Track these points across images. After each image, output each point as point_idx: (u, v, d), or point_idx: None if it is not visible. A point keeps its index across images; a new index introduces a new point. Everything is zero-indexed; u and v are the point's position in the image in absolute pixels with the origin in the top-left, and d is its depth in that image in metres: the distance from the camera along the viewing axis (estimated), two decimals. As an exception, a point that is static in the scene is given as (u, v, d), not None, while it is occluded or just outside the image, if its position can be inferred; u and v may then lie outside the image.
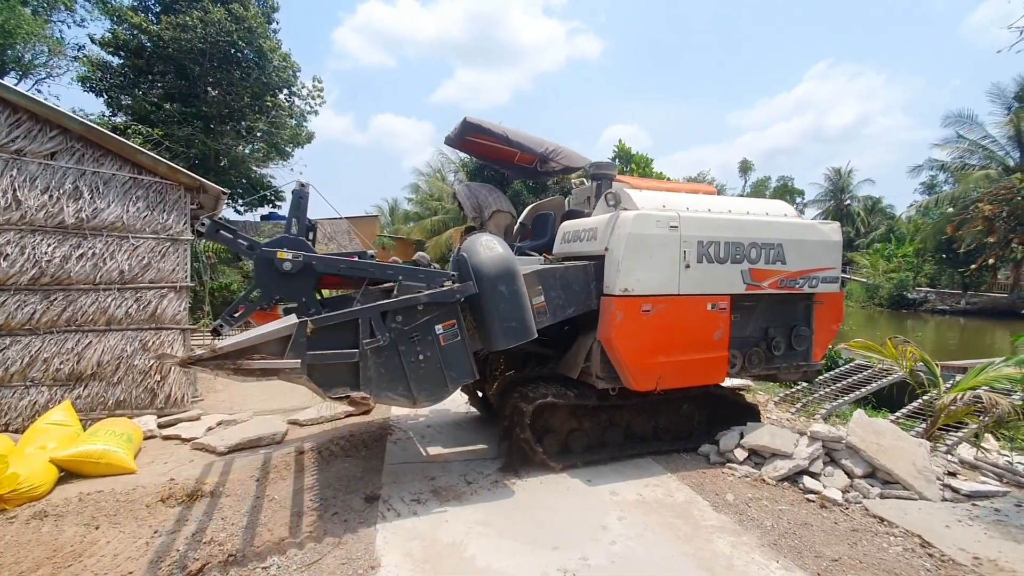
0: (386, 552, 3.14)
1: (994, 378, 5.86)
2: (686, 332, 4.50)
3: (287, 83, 22.40)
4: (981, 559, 3.15)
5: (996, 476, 4.63)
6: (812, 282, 5.08)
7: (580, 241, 4.76)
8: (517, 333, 3.96)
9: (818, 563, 3.10)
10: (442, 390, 3.87)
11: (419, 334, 3.74)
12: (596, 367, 4.41)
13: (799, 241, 4.96)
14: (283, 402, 6.85)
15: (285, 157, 23.97)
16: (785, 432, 4.65)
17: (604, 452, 4.74)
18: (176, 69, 19.34)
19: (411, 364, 3.71)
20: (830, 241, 5.18)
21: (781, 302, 5.06)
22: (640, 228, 4.27)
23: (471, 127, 5.57)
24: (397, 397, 3.75)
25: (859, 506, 3.90)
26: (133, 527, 3.57)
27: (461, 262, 4.06)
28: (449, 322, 3.84)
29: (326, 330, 3.49)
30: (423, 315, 3.77)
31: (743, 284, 4.72)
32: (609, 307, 4.29)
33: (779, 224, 4.98)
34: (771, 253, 4.82)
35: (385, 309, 3.67)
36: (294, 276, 3.64)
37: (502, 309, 3.91)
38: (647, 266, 4.30)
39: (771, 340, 5.01)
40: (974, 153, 26.44)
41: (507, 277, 3.97)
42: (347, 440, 5.15)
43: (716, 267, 4.58)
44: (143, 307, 6.43)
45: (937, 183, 31.95)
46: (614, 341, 4.24)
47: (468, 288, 3.88)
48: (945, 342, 19.47)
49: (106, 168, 6.47)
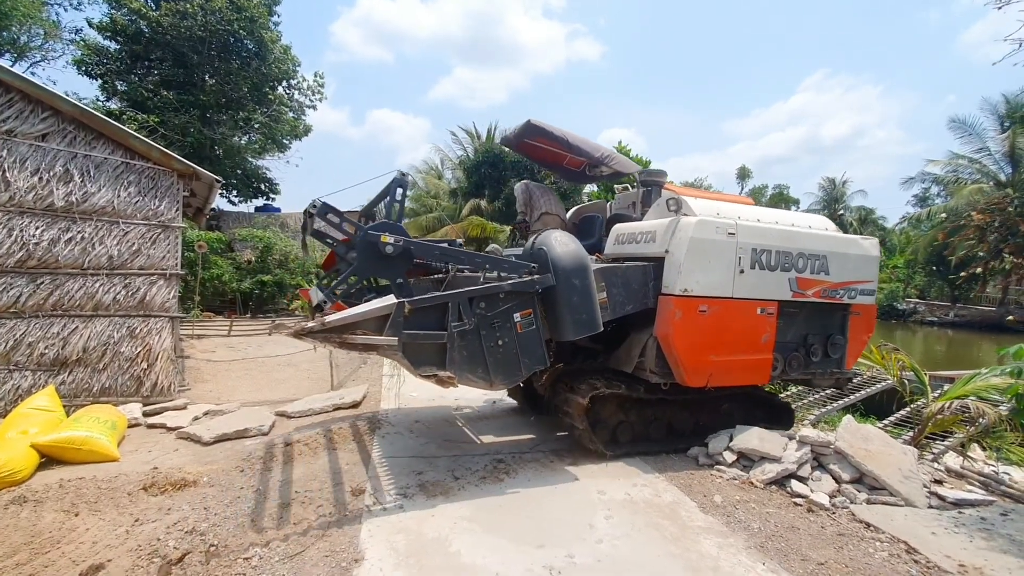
0: (370, 545, 3.10)
1: (981, 388, 5.89)
2: (737, 333, 4.73)
3: (287, 75, 22.27)
4: (967, 566, 3.16)
5: (982, 485, 4.65)
6: (851, 293, 5.32)
7: (636, 243, 4.94)
8: (587, 325, 4.16)
9: (804, 566, 3.09)
10: (516, 374, 4.08)
11: (499, 320, 3.96)
12: (651, 362, 4.61)
13: (842, 254, 5.21)
14: (271, 394, 6.80)
15: (283, 149, 23.83)
16: (774, 435, 4.65)
17: (648, 445, 4.94)
18: (174, 56, 19.17)
19: (490, 348, 3.93)
20: (869, 256, 5.43)
21: (821, 311, 5.28)
22: (701, 233, 4.48)
23: (533, 129, 5.70)
24: (476, 379, 3.94)
25: (846, 511, 3.90)
26: (114, 515, 3.52)
27: (540, 255, 4.23)
28: (527, 311, 4.07)
29: (418, 312, 3.70)
30: (504, 303, 3.99)
31: (790, 291, 4.95)
32: (668, 306, 4.50)
33: (824, 237, 5.24)
34: (816, 264, 5.06)
35: (472, 295, 3.88)
36: (393, 258, 3.84)
37: (574, 302, 4.12)
38: (705, 269, 4.52)
39: (809, 346, 5.24)
40: (967, 167, 26.69)
41: (581, 272, 4.18)
42: (335, 433, 5.11)
43: (767, 274, 4.82)
44: (131, 293, 6.36)
45: (930, 196, 32.21)
46: (672, 338, 4.45)
47: (547, 280, 4.09)
48: (933, 353, 19.64)
49: (98, 152, 6.39)
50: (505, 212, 21.56)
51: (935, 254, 27.44)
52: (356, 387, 6.96)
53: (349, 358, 9.35)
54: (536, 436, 5.44)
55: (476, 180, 23.15)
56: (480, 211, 21.86)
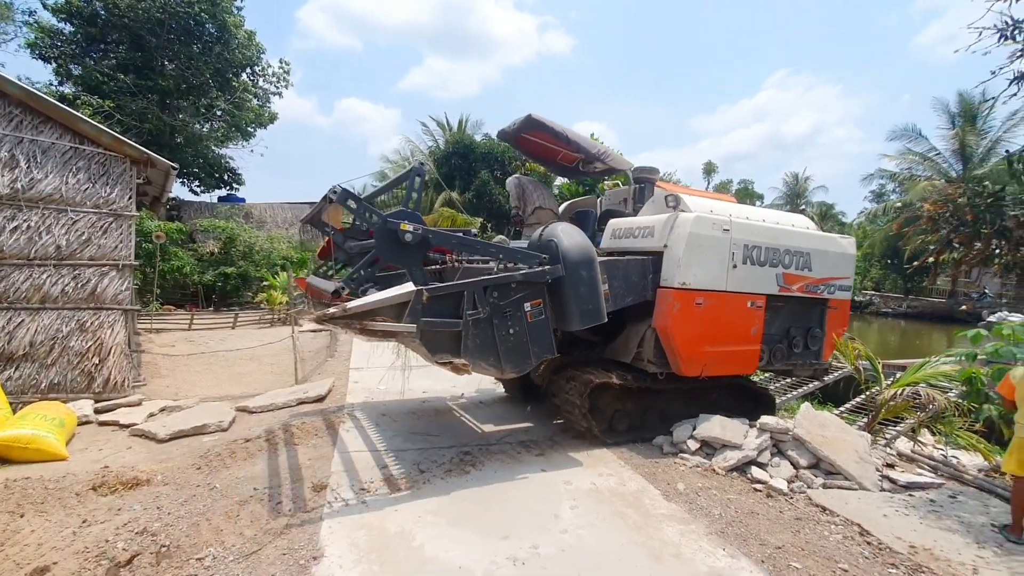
0: (331, 542, 3.03)
1: (931, 375, 6.15)
2: (729, 325, 4.95)
3: (251, 62, 21.57)
4: (917, 547, 3.28)
5: (931, 469, 4.84)
6: (830, 289, 5.63)
7: (634, 238, 5.08)
8: (593, 315, 4.29)
9: (763, 550, 3.16)
10: (526, 363, 4.15)
11: (511, 310, 4.04)
12: (649, 352, 4.78)
13: (823, 251, 5.52)
14: (232, 389, 6.61)
15: (247, 137, 23.10)
16: (735, 423, 4.74)
17: (643, 432, 5.07)
18: (131, 39, 18.36)
19: (502, 337, 4.00)
20: (847, 253, 5.77)
21: (802, 305, 5.56)
22: (699, 228, 4.67)
23: (533, 123, 5.74)
24: (488, 367, 4.02)
25: (803, 495, 4.01)
26: (61, 516, 3.36)
27: (550, 247, 4.31)
28: (536, 301, 4.15)
29: (435, 300, 3.77)
30: (515, 293, 4.07)
31: (776, 286, 5.21)
32: (667, 298, 4.68)
33: (808, 235, 5.55)
34: (800, 260, 5.34)
35: (486, 284, 3.96)
36: (411, 246, 3.86)
37: (581, 292, 4.24)
38: (702, 263, 4.71)
39: (791, 339, 5.51)
40: (920, 164, 27.77)
41: (588, 264, 4.30)
42: (297, 428, 4.99)
43: (757, 269, 5.06)
44: (81, 285, 6.08)
45: (885, 192, 33.35)
46: (670, 329, 4.63)
47: (557, 271, 4.18)
48: (887, 342, 20.45)
49: (45, 136, 6.08)
50: (476, 204, 21.42)
51: (890, 248, 28.50)
52: (322, 381, 6.82)
53: (314, 351, 9.17)
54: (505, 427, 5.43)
55: (447, 171, 22.93)
56: (451, 203, 21.68)
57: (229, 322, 12.79)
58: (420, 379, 7.35)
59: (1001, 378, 5.59)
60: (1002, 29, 4.00)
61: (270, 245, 17.03)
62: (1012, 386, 3.59)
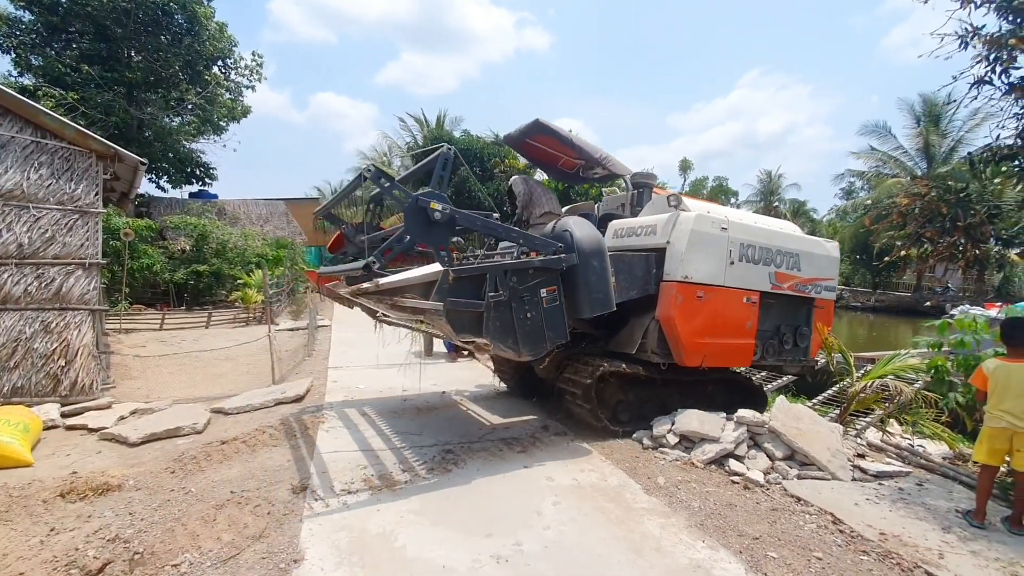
0: (311, 545, 2.99)
1: (900, 368, 6.34)
2: (727, 319, 5.24)
3: (223, 54, 21.03)
4: (887, 535, 3.39)
5: (899, 458, 5.01)
6: (817, 289, 5.99)
7: (636, 236, 5.37)
8: (602, 303, 4.52)
9: (740, 541, 3.23)
10: (541, 347, 4.31)
11: (528, 295, 4.22)
12: (652, 343, 5.02)
13: (810, 253, 5.88)
14: (207, 390, 6.47)
15: (219, 132, 22.54)
16: (713, 417, 4.83)
17: (644, 423, 5.20)
18: (96, 29, 17.72)
19: (520, 320, 4.18)
20: (831, 256, 6.18)
21: (791, 304, 5.89)
22: (700, 226, 4.95)
23: (540, 128, 5.89)
24: (507, 348, 4.19)
25: (779, 487, 4.10)
26: (27, 524, 3.25)
27: (565, 237, 4.53)
28: (551, 287, 4.34)
29: (459, 281, 3.95)
30: (533, 279, 4.26)
31: (769, 284, 5.53)
32: (670, 291, 4.94)
33: (796, 237, 5.93)
34: (791, 260, 5.69)
35: (507, 268, 4.15)
36: (439, 225, 4.02)
37: (593, 281, 4.46)
38: (703, 259, 4.99)
39: (782, 335, 5.82)
40: (887, 163, 28.64)
41: (600, 254, 4.54)
42: (275, 429, 4.91)
43: (751, 267, 5.37)
44: (45, 285, 5.86)
45: (855, 189, 34.28)
46: (675, 320, 4.89)
47: (572, 259, 4.39)
48: (857, 335, 21.03)
49: (4, 130, 5.84)
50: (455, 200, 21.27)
51: (859, 244, 29.28)
52: (300, 380, 6.72)
53: (292, 351, 9.02)
54: (489, 424, 5.43)
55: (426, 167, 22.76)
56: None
57: (202, 321, 12.50)
58: (400, 377, 7.30)
59: (967, 368, 5.84)
60: (962, 35, 4.12)
61: (244, 242, 16.67)
62: (985, 377, 3.70)
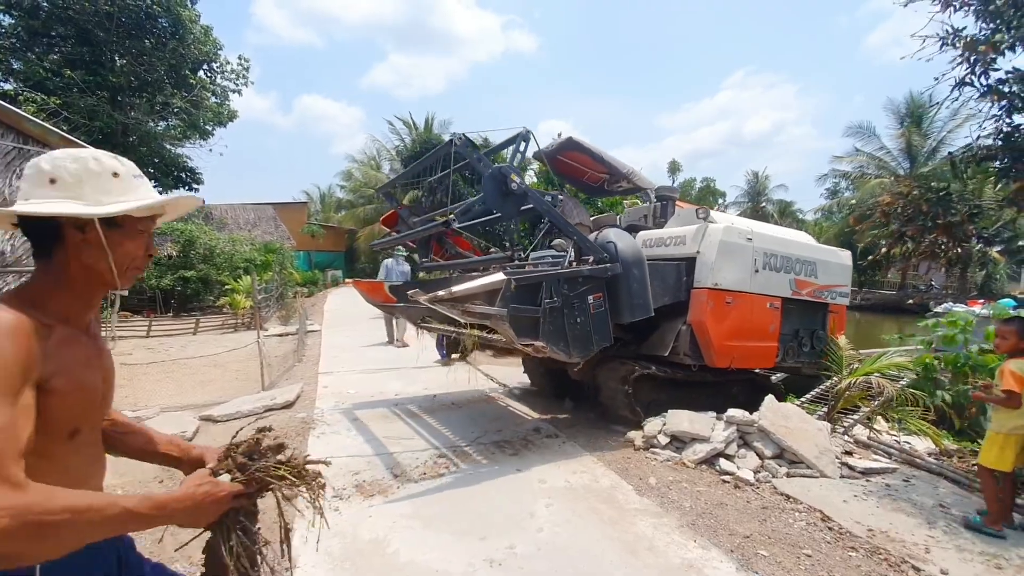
0: (303, 552, 2.97)
1: (886, 366, 6.44)
2: (753, 323, 5.61)
3: (208, 58, 20.88)
4: (875, 531, 3.44)
5: (886, 454, 5.08)
6: (832, 295, 6.43)
7: (665, 246, 5.73)
8: (642, 309, 4.79)
9: (732, 540, 3.26)
10: (589, 349, 4.53)
11: (577, 301, 4.43)
12: (684, 346, 5.28)
13: (825, 261, 6.33)
14: (196, 397, 6.41)
15: (205, 136, 22.36)
16: (703, 417, 4.87)
17: None
18: (78, 33, 17.52)
19: (571, 325, 4.39)
20: (845, 264, 6.61)
21: (809, 309, 6.28)
22: (728, 237, 5.34)
23: (572, 145, 6.22)
24: (559, 351, 4.38)
25: (768, 485, 4.15)
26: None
27: (610, 247, 4.79)
28: (598, 294, 4.57)
29: (520, 289, 4.19)
30: (582, 286, 4.45)
31: (790, 290, 5.94)
32: (701, 297, 5.25)
33: (813, 247, 6.39)
34: (808, 268, 6.12)
35: (561, 276, 4.37)
36: (513, 197, 4.27)
37: (634, 289, 4.72)
38: (731, 267, 5.35)
39: (800, 339, 6.20)
40: (870, 163, 29.11)
41: (640, 263, 4.81)
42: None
43: (774, 274, 5.77)
44: (30, 293, 5.78)
45: (839, 190, 34.77)
46: (706, 324, 5.19)
47: (616, 268, 4.63)
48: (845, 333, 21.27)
49: (-16, 136, 5.75)
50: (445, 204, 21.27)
51: (844, 243, 29.67)
52: (289, 386, 6.68)
53: (281, 356, 8.97)
54: (481, 427, 5.43)
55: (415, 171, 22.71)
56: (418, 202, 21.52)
57: (190, 328, 12.38)
58: (392, 381, 7.29)
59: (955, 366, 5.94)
60: (943, 37, 4.21)
61: (232, 247, 16.54)
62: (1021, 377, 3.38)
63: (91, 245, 1.09)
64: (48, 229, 1.08)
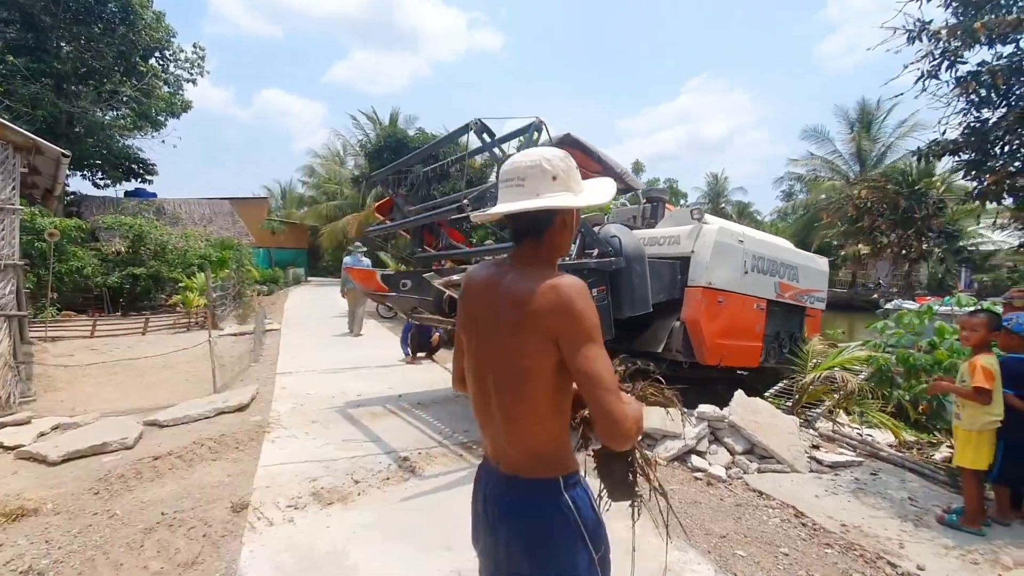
0: (251, 568, 2.73)
1: (847, 360, 6.54)
2: (742, 322, 5.76)
3: (160, 45, 19.89)
4: (848, 526, 3.41)
5: (850, 447, 5.12)
6: (810, 299, 6.71)
7: (659, 246, 5.81)
8: (642, 303, 4.84)
9: (708, 540, 3.17)
10: None
11: None
12: (677, 343, 5.39)
13: (806, 267, 6.63)
14: (141, 400, 5.99)
15: (157, 127, 21.31)
16: (674, 414, 4.80)
17: None
18: (22, 19, 16.46)
19: None
20: (822, 270, 7.02)
21: (789, 312, 6.50)
22: (722, 238, 5.49)
23: (570, 141, 6.14)
24: None
25: (740, 481, 4.10)
26: (-81, 560, 2.84)
27: (614, 242, 4.81)
28: (602, 287, 4.59)
29: None
30: (586, 279, 4.28)
31: (775, 292, 6.14)
32: (695, 295, 5.37)
33: (795, 252, 6.70)
34: (791, 272, 6.36)
35: (567, 269, 4.09)
36: None
37: (635, 284, 4.77)
38: (723, 267, 5.49)
39: (780, 340, 6.40)
40: (823, 167, 30.36)
41: (641, 259, 4.86)
42: (215, 441, 4.55)
43: (761, 276, 5.95)
44: (-50, 289, 5.28)
45: (794, 192, 35.97)
46: (700, 322, 5.31)
47: (619, 262, 4.65)
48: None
49: None
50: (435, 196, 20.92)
51: (800, 243, 30.69)
52: (244, 388, 6.31)
53: (236, 357, 8.54)
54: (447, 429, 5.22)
55: (379, 166, 22.22)
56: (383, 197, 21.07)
57: (139, 327, 11.70)
58: (354, 381, 7.02)
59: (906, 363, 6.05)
60: (911, 30, 4.25)
61: (185, 243, 15.76)
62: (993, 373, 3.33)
63: (567, 227, 1.37)
64: (549, 215, 1.32)
